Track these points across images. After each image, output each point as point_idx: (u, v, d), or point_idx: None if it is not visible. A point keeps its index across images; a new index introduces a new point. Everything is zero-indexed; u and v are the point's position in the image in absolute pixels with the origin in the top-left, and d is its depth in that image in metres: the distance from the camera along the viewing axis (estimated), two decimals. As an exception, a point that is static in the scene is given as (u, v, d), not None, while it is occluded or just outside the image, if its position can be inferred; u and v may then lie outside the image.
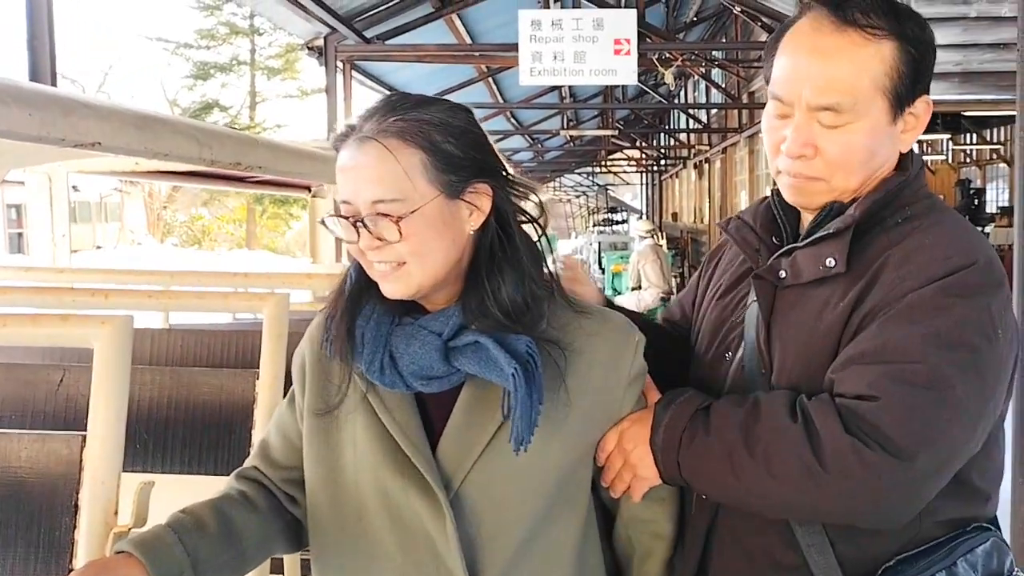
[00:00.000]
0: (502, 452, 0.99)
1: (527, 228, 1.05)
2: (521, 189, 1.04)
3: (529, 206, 1.04)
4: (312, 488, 1.08)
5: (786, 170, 1.08)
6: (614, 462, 1.07)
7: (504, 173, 1.03)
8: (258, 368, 1.78)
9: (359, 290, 1.02)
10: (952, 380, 0.95)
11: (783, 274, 1.08)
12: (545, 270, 1.04)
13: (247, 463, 1.16)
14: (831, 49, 1.02)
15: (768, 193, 1.21)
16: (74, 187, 3.12)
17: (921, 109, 1.06)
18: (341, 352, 1.01)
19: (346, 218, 0.97)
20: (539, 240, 1.05)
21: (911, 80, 1.04)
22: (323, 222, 1.00)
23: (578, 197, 37.15)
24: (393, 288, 0.99)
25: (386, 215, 0.94)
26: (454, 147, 0.97)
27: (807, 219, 1.13)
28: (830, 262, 1.03)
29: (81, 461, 1.23)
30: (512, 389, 0.95)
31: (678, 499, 1.13)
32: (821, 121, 1.03)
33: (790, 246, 1.10)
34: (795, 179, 1.07)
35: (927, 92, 1.07)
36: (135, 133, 1.27)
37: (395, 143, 0.95)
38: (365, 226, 0.96)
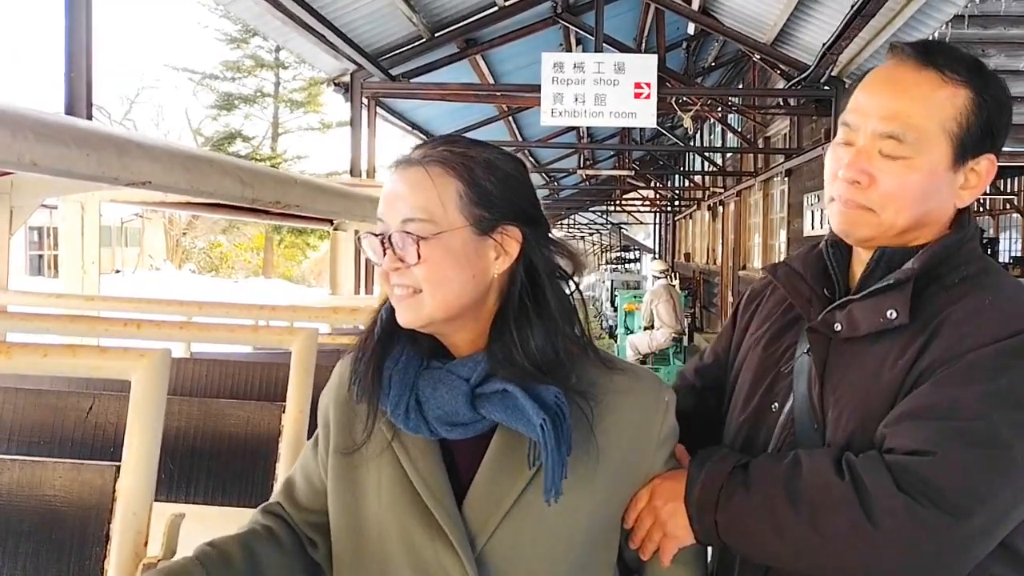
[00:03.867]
0: (530, 508, 0.97)
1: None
2: (558, 247, 1.03)
3: (564, 263, 1.04)
4: (336, 535, 1.07)
5: (839, 195, 1.07)
6: (644, 520, 1.05)
7: (542, 226, 1.02)
8: (283, 401, 1.80)
9: (390, 331, 1.02)
10: (1010, 441, 0.93)
11: (839, 327, 1.06)
12: (577, 327, 1.02)
13: (273, 498, 1.17)
14: (906, 83, 1.03)
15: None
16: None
17: (984, 167, 1.06)
18: (368, 393, 1.01)
19: (377, 236, 0.99)
20: (572, 295, 1.03)
21: (980, 132, 1.03)
22: (358, 240, 1.02)
23: (592, 235, 37.25)
24: (405, 316, 0.98)
25: (410, 234, 0.95)
26: (493, 186, 0.98)
27: (858, 271, 1.11)
28: (891, 314, 1.02)
29: (114, 491, 1.25)
30: (541, 440, 0.93)
31: (705, 564, 1.10)
32: (882, 150, 1.03)
33: (845, 299, 1.08)
34: (845, 206, 1.06)
35: (994, 150, 1.06)
36: (183, 173, 1.31)
37: (437, 169, 0.97)
38: (391, 245, 0.97)
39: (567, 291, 1.03)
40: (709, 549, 1.11)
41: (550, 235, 1.04)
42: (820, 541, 0.95)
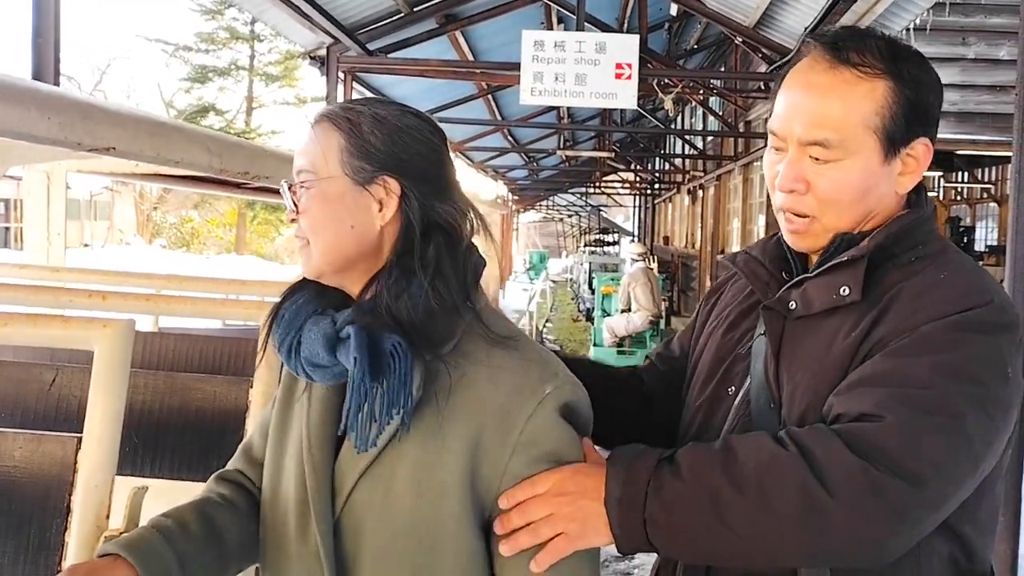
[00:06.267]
0: (384, 465, 0.96)
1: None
2: (451, 207, 1.00)
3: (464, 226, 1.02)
4: (264, 482, 1.09)
5: (779, 205, 1.08)
6: (532, 509, 0.92)
7: (431, 183, 0.99)
8: (251, 376, 1.78)
9: (302, 281, 1.05)
10: (962, 411, 0.91)
11: (793, 305, 1.06)
12: (466, 296, 0.98)
13: (228, 465, 1.16)
14: (822, 86, 1.02)
15: (763, 223, 1.20)
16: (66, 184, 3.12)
17: (920, 152, 1.05)
18: (266, 331, 1.04)
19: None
20: (464, 259, 1.00)
21: (905, 121, 1.02)
22: (279, 189, 1.05)
23: (571, 217, 37.27)
24: (303, 267, 1.02)
25: (291, 184, 1.01)
26: (378, 139, 0.98)
27: (815, 257, 1.11)
28: (844, 290, 1.01)
29: (75, 463, 1.23)
30: (350, 379, 0.93)
31: None
32: (811, 155, 1.03)
33: (801, 278, 1.08)
34: (787, 215, 1.07)
35: (927, 135, 1.05)
36: (149, 140, 1.28)
37: (324, 125, 1.01)
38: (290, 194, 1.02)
39: (453, 253, 0.99)
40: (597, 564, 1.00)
41: (448, 194, 1.01)
42: (772, 521, 0.88)
